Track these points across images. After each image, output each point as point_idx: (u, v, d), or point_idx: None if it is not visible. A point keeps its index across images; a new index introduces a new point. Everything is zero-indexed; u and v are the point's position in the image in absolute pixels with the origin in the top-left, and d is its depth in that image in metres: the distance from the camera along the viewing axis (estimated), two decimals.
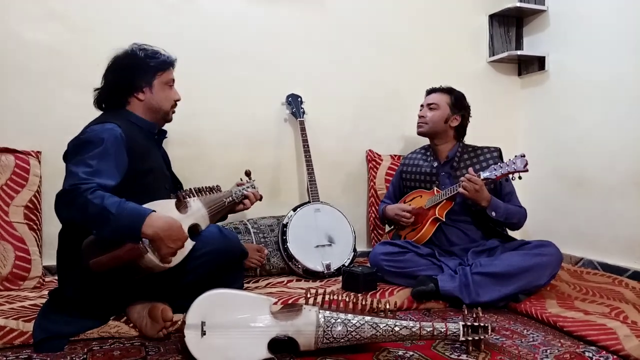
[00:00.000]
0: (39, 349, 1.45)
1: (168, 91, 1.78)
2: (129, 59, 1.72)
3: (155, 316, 1.51)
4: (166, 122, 1.84)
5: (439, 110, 2.29)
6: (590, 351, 1.46)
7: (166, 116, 1.81)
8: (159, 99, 1.75)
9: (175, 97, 1.81)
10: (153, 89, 1.74)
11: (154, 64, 1.73)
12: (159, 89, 1.75)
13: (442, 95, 2.31)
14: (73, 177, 1.43)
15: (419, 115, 2.36)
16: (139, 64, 1.71)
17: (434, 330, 1.42)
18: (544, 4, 2.95)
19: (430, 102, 2.31)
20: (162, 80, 1.75)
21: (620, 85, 2.50)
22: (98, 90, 1.75)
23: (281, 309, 1.44)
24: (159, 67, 1.74)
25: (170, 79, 1.79)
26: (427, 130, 2.33)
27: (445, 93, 2.32)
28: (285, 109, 2.70)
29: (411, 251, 2.12)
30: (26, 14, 2.28)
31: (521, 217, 2.16)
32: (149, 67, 1.72)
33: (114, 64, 1.74)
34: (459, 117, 2.30)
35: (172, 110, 1.82)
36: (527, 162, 1.94)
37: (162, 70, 1.75)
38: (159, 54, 1.76)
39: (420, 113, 2.36)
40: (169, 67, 1.78)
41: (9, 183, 2.14)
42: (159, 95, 1.75)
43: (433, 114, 2.29)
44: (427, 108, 2.32)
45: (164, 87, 1.76)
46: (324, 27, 2.77)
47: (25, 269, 2.09)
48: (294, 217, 2.39)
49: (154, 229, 1.38)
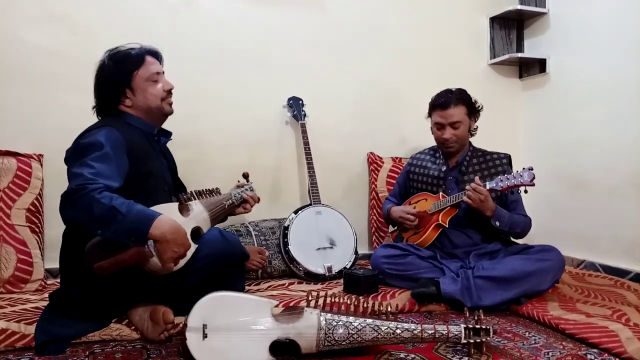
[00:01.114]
0: (41, 352, 1.45)
1: (152, 86, 1.72)
2: (101, 71, 1.71)
3: (157, 319, 1.51)
4: (166, 116, 1.80)
5: (462, 125, 2.17)
6: (592, 354, 1.46)
7: (161, 111, 1.76)
8: (144, 98, 1.72)
9: (165, 88, 1.75)
10: (134, 91, 1.71)
11: (125, 66, 1.69)
12: (141, 88, 1.71)
13: (460, 108, 2.16)
14: (79, 178, 1.42)
15: (445, 138, 2.18)
16: (110, 74, 1.69)
17: (435, 333, 1.42)
18: (544, 6, 2.95)
19: (453, 122, 2.16)
20: (141, 78, 1.70)
21: (621, 88, 2.50)
22: (94, 107, 1.76)
23: (282, 311, 1.44)
24: (131, 68, 1.70)
25: (151, 73, 1.71)
26: (457, 149, 2.23)
27: (461, 104, 2.17)
28: (286, 112, 2.70)
29: (413, 254, 2.12)
30: (27, 16, 2.29)
31: (525, 227, 2.14)
32: (120, 73, 1.69)
33: (95, 79, 1.73)
34: (474, 120, 2.24)
35: (166, 102, 1.76)
36: (535, 175, 1.88)
37: (136, 69, 1.70)
38: (129, 53, 1.71)
39: (445, 135, 2.17)
40: (142, 63, 1.71)
41: (11, 186, 2.15)
42: (142, 94, 1.71)
43: (458, 131, 2.17)
44: (451, 127, 2.17)
45: (146, 83, 1.71)
46: (325, 29, 2.78)
47: (27, 271, 2.09)
48: (295, 220, 2.39)
49: (162, 231, 1.38)
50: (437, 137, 2.24)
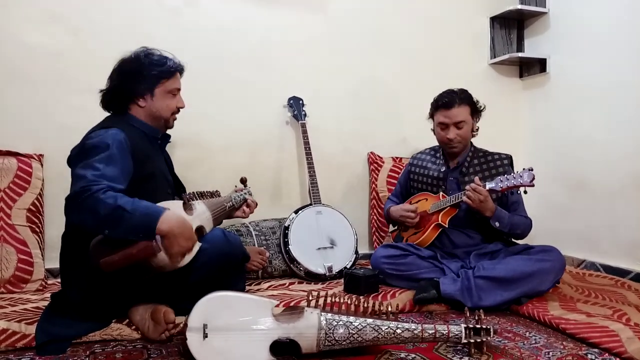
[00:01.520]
0: (41, 352, 1.45)
1: (170, 99, 1.76)
2: (133, 64, 1.71)
3: (158, 318, 1.52)
4: (167, 129, 1.83)
5: (466, 125, 2.16)
6: (593, 353, 1.46)
7: (166, 123, 1.80)
8: (159, 107, 1.74)
9: (178, 105, 1.79)
10: (154, 96, 1.72)
11: (157, 71, 1.70)
12: (160, 97, 1.73)
13: (464, 108, 2.15)
14: (82, 180, 1.42)
15: (449, 138, 2.16)
16: (141, 71, 1.69)
17: (436, 333, 1.42)
18: (545, 6, 2.95)
19: (457, 121, 2.14)
20: (164, 88, 1.73)
21: (622, 88, 2.50)
22: (103, 91, 1.74)
23: (283, 311, 1.44)
24: (162, 75, 1.72)
25: (174, 87, 1.76)
26: (461, 149, 2.21)
27: (465, 104, 2.16)
28: (286, 112, 2.70)
29: (413, 254, 2.12)
30: (28, 17, 2.29)
31: (526, 228, 2.13)
32: (151, 75, 1.70)
33: (119, 68, 1.72)
34: (476, 120, 2.23)
35: (172, 118, 1.80)
36: (534, 176, 1.88)
37: (166, 79, 1.73)
38: (166, 60, 1.73)
39: (449, 135, 2.15)
40: (173, 75, 1.75)
41: (12, 186, 2.15)
42: (160, 103, 1.73)
43: (462, 131, 2.15)
44: (455, 127, 2.15)
45: (166, 95, 1.74)
46: (325, 30, 2.78)
47: (27, 271, 2.09)
48: (296, 220, 2.39)
49: (170, 225, 1.39)
50: (441, 138, 2.22)
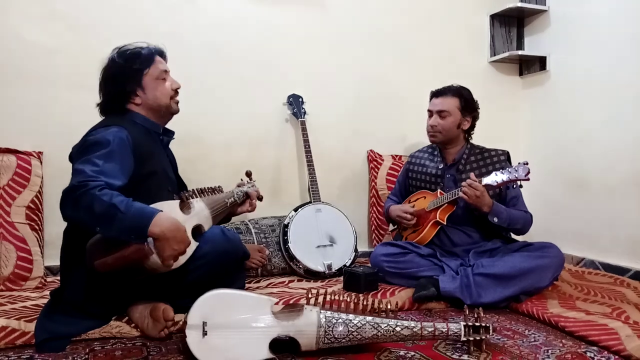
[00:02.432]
0: (41, 349, 1.45)
1: (161, 84, 1.74)
2: (112, 68, 1.71)
3: (157, 316, 1.52)
4: (173, 114, 1.81)
5: (450, 117, 2.17)
6: (592, 351, 1.46)
7: (169, 109, 1.78)
8: (155, 97, 1.73)
9: (173, 87, 1.78)
10: (145, 88, 1.72)
11: (136, 65, 1.70)
12: (151, 86, 1.72)
13: (451, 99, 2.18)
14: (80, 175, 1.43)
15: (430, 125, 2.21)
16: (121, 71, 1.69)
17: (435, 331, 1.42)
18: (544, 4, 2.95)
19: (440, 110, 2.18)
20: (151, 77, 1.72)
21: (622, 85, 2.50)
22: (98, 104, 1.75)
23: (282, 309, 1.44)
24: (142, 66, 1.71)
25: (160, 71, 1.74)
26: (441, 140, 2.23)
27: (454, 96, 2.18)
28: (286, 109, 2.70)
29: (412, 252, 2.12)
30: (27, 14, 2.28)
31: (526, 223, 2.13)
32: (132, 71, 1.69)
33: (102, 77, 1.73)
34: (469, 118, 2.22)
35: (173, 101, 1.78)
36: (529, 170, 1.90)
37: (147, 67, 1.72)
38: (139, 51, 1.72)
39: (430, 122, 2.21)
40: (152, 61, 1.73)
41: (11, 183, 2.15)
42: (153, 92, 1.73)
43: (445, 121, 2.17)
44: (438, 115, 2.18)
45: (156, 82, 1.73)
46: (325, 27, 2.78)
47: (27, 269, 2.09)
48: (295, 217, 2.39)
49: (162, 229, 1.38)
50: (426, 126, 2.27)
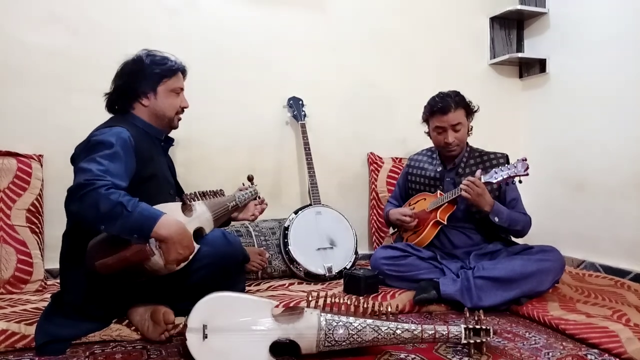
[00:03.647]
0: (41, 352, 1.45)
1: (173, 98, 1.78)
2: (135, 64, 1.73)
3: (157, 319, 1.52)
4: (172, 129, 1.84)
5: (463, 128, 2.16)
6: (593, 354, 1.46)
7: (171, 123, 1.81)
8: (163, 106, 1.76)
9: (182, 105, 1.81)
10: (157, 95, 1.74)
11: (159, 70, 1.73)
12: (163, 95, 1.75)
13: (460, 111, 2.15)
14: (87, 173, 1.42)
15: (448, 142, 2.14)
16: (143, 70, 1.72)
17: (435, 333, 1.42)
18: (544, 6, 2.95)
19: (455, 124, 2.14)
20: (167, 87, 1.75)
21: (621, 88, 2.50)
22: (108, 94, 1.76)
23: (283, 312, 1.44)
24: (164, 74, 1.74)
25: (177, 86, 1.78)
26: (459, 152, 2.21)
27: (460, 107, 2.16)
28: (286, 112, 2.70)
29: (412, 255, 2.12)
30: (28, 17, 2.29)
31: (525, 224, 2.13)
32: (153, 74, 1.73)
33: (121, 69, 1.75)
34: (470, 121, 2.23)
35: (177, 118, 1.82)
36: (528, 165, 1.91)
37: (168, 77, 1.75)
38: (167, 60, 1.76)
39: (447, 139, 2.14)
40: (174, 74, 1.77)
41: (11, 186, 2.15)
42: (163, 102, 1.75)
43: (460, 134, 2.15)
44: (453, 130, 2.15)
45: (169, 94, 1.76)
46: (325, 30, 2.78)
47: (27, 272, 2.09)
48: (296, 220, 2.39)
49: (169, 232, 1.38)
50: (438, 142, 2.20)
